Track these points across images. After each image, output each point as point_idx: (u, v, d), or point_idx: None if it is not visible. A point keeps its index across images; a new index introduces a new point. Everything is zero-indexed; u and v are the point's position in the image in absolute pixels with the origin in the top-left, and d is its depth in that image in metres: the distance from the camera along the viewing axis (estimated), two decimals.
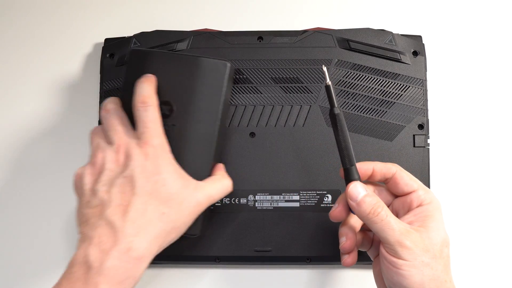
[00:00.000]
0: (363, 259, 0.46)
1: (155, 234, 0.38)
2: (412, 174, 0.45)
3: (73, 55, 0.56)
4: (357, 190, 0.40)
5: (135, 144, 0.40)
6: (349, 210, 0.41)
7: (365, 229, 0.45)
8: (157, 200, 0.39)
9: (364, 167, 0.42)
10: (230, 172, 0.50)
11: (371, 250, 0.44)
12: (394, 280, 0.38)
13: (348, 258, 0.42)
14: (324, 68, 0.41)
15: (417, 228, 0.39)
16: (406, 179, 0.42)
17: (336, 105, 0.40)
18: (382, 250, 0.39)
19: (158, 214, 0.39)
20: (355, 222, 0.43)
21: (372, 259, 0.45)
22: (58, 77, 0.55)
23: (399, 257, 0.38)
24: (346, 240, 0.42)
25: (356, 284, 0.52)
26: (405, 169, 0.48)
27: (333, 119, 0.41)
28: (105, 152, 0.40)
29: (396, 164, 0.42)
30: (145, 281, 0.53)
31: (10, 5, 0.57)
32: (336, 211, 0.42)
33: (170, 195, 0.39)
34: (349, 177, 0.41)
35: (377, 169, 0.42)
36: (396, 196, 0.43)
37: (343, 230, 0.43)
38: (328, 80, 0.40)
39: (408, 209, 0.41)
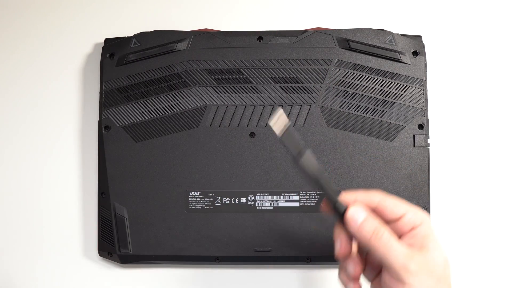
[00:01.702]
0: None
1: None
2: (412, 174, 0.45)
3: (73, 55, 0.56)
4: (357, 214, 0.38)
5: None
6: (351, 238, 0.39)
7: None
8: None
9: (346, 198, 0.39)
10: (230, 172, 0.51)
11: (367, 272, 0.42)
12: None
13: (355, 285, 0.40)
14: (270, 123, 0.38)
15: (419, 251, 0.37)
16: (391, 206, 0.39)
17: (296, 152, 0.38)
18: (386, 278, 0.37)
19: None
20: None
21: (369, 279, 0.42)
22: (58, 77, 0.55)
23: (404, 284, 0.36)
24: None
25: None
26: (405, 169, 0.48)
27: (302, 166, 0.38)
28: None
29: (378, 192, 0.40)
30: (146, 281, 0.53)
31: (10, 5, 0.57)
32: (342, 249, 0.39)
33: None
34: (339, 209, 0.38)
35: (360, 200, 0.39)
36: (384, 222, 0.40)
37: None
38: (278, 133, 0.37)
39: (401, 234, 0.39)
